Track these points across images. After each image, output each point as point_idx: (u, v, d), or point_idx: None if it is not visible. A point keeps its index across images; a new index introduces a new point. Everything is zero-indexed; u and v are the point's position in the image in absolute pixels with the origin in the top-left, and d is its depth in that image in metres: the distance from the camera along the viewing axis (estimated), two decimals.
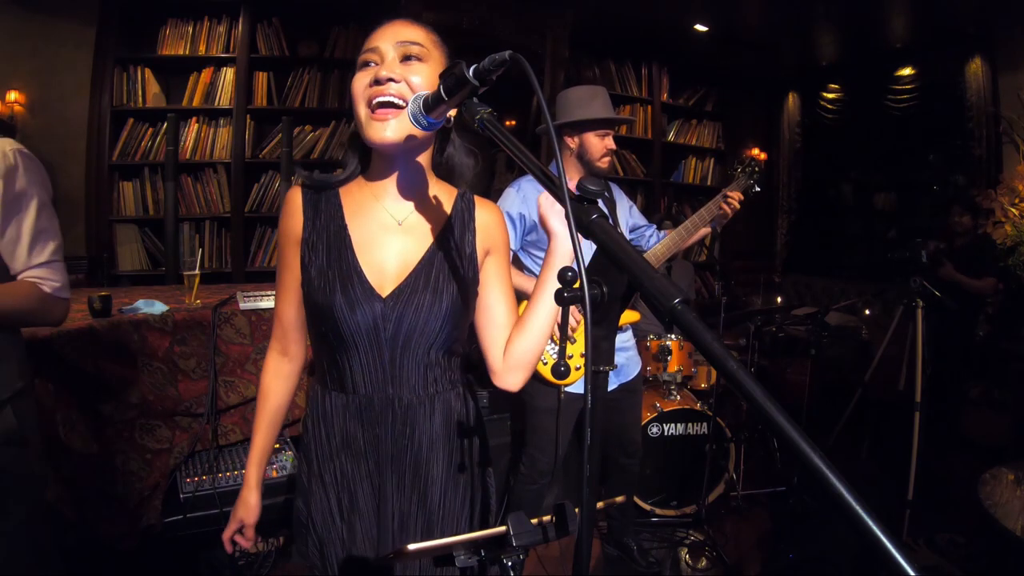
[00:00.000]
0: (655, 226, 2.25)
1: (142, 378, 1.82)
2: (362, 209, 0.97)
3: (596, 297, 0.55)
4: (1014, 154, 4.12)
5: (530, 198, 1.96)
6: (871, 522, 0.37)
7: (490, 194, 3.35)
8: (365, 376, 0.94)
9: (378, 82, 0.87)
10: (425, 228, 0.97)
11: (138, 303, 1.93)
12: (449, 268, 0.96)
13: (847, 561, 2.21)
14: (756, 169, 2.17)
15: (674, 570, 2.35)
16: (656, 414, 2.60)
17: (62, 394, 1.64)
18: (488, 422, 2.06)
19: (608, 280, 0.57)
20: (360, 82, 0.89)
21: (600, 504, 0.90)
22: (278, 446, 2.06)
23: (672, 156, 5.43)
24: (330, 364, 0.96)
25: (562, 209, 0.92)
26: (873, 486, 2.87)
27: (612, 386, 2.10)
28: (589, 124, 1.99)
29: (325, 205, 0.97)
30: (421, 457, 0.97)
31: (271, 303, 1.93)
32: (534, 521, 0.76)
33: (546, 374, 1.95)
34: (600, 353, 1.91)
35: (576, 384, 2.00)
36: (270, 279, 1.19)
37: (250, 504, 1.05)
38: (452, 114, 0.86)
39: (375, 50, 0.90)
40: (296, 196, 0.98)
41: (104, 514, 1.71)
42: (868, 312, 4.39)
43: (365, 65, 0.90)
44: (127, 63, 3.73)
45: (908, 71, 4.84)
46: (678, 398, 2.70)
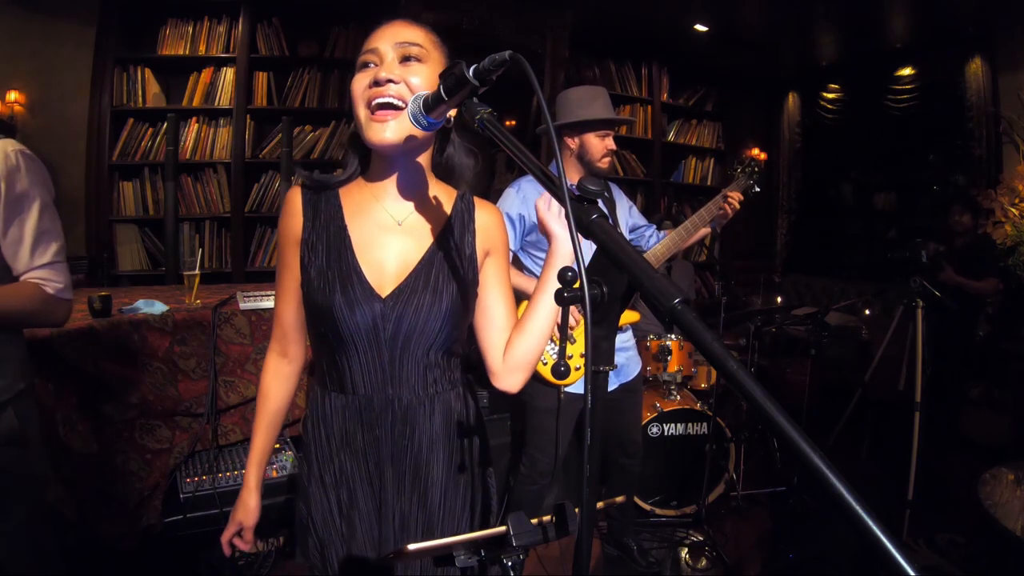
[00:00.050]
0: (655, 226, 2.25)
1: (142, 378, 1.82)
2: (362, 209, 0.97)
3: (596, 297, 0.55)
4: (1014, 154, 4.12)
5: (530, 199, 1.96)
6: (871, 522, 0.37)
7: (490, 194, 3.35)
8: (365, 377, 0.94)
9: (377, 83, 0.87)
10: (425, 229, 0.97)
11: (138, 303, 1.93)
12: (449, 268, 0.95)
13: (847, 561, 2.20)
14: (756, 169, 2.16)
15: (674, 570, 2.35)
16: (656, 414, 2.60)
17: (62, 394, 1.65)
18: (488, 422, 2.05)
19: (608, 280, 0.57)
20: (359, 83, 0.89)
21: (600, 504, 0.90)
22: (278, 446, 2.06)
23: (672, 156, 5.43)
24: (330, 365, 0.96)
25: (560, 211, 0.93)
26: (873, 486, 2.87)
27: (612, 386, 2.10)
28: (589, 125, 1.99)
29: (325, 205, 0.97)
30: (421, 458, 0.97)
31: (271, 303, 1.93)
32: (534, 521, 0.76)
33: (546, 374, 1.95)
34: (600, 353, 1.91)
35: (576, 384, 2.00)
36: (270, 279, 1.19)
37: (249, 506, 1.05)
38: (452, 114, 0.86)
39: (374, 51, 0.90)
40: (296, 197, 0.98)
41: (104, 514, 1.71)
42: (868, 312, 4.38)
43: (364, 66, 0.90)
44: (127, 63, 3.73)
45: (908, 71, 4.85)
46: (678, 398, 2.70)
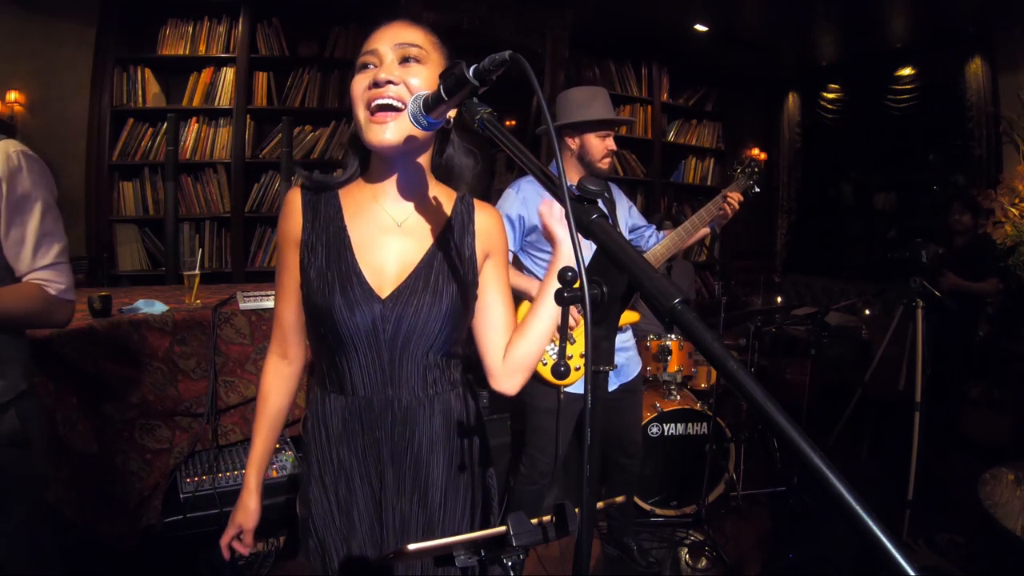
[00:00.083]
0: (654, 227, 2.25)
1: (142, 378, 1.82)
2: (361, 210, 0.97)
3: (596, 297, 0.55)
4: (1014, 154, 4.12)
5: (529, 199, 1.96)
6: (871, 522, 0.37)
7: (490, 194, 3.36)
8: (364, 378, 0.94)
9: (377, 84, 0.87)
10: (425, 230, 0.97)
11: (138, 303, 1.93)
12: (449, 270, 0.95)
13: (847, 561, 2.20)
14: (756, 170, 2.16)
15: (674, 570, 2.35)
16: (656, 414, 2.60)
17: (62, 394, 1.65)
18: (488, 422, 2.06)
19: (608, 280, 0.57)
20: (359, 84, 0.89)
21: (600, 504, 0.90)
22: (278, 446, 2.06)
23: (672, 156, 5.43)
24: (329, 366, 0.96)
25: (562, 214, 0.92)
26: (873, 486, 2.87)
27: (612, 386, 2.10)
28: (590, 125, 1.98)
29: (324, 206, 0.97)
30: (421, 458, 0.97)
31: (271, 303, 1.93)
32: (534, 521, 0.76)
33: (546, 374, 1.95)
34: (600, 353, 1.91)
35: (576, 384, 2.00)
36: (270, 279, 1.19)
37: (249, 509, 1.04)
38: (452, 115, 0.86)
39: (374, 52, 0.90)
40: (295, 198, 0.98)
41: (104, 514, 1.71)
42: (868, 312, 4.38)
43: (364, 67, 0.90)
44: (127, 63, 3.73)
45: (908, 71, 4.84)
46: (678, 398, 2.70)
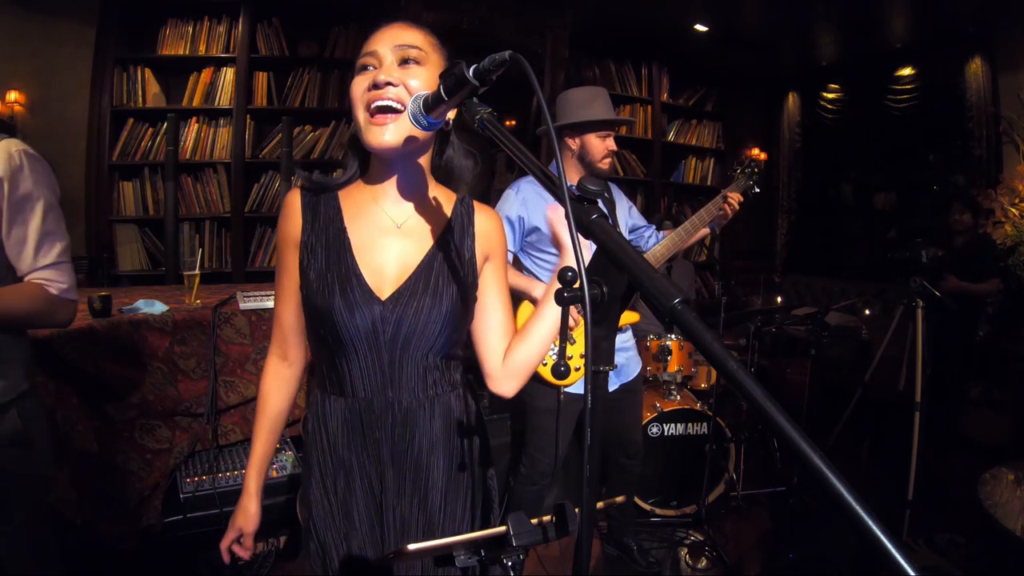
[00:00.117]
0: (654, 227, 2.25)
1: (142, 378, 1.82)
2: (361, 212, 0.97)
3: (596, 297, 0.55)
4: (1014, 154, 4.12)
5: (529, 200, 1.96)
6: (871, 522, 0.37)
7: (490, 194, 3.35)
8: (364, 379, 0.94)
9: (376, 86, 0.87)
10: (424, 231, 0.97)
11: (138, 303, 1.93)
12: (449, 271, 0.95)
13: (847, 561, 2.20)
14: (755, 170, 2.16)
15: (674, 570, 2.35)
16: (656, 414, 2.60)
17: (62, 394, 1.65)
18: (488, 422, 2.06)
19: (608, 280, 0.57)
20: (359, 86, 0.89)
21: (600, 504, 0.90)
22: (278, 446, 2.05)
23: (672, 156, 5.43)
24: (329, 368, 0.96)
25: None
26: (873, 486, 2.87)
27: (612, 386, 2.10)
28: (590, 125, 1.98)
29: (324, 208, 0.97)
30: (422, 460, 0.97)
31: (271, 303, 1.93)
32: (534, 521, 0.76)
33: (546, 374, 1.95)
34: (600, 353, 1.91)
35: (576, 384, 2.00)
36: (270, 279, 1.19)
37: (249, 512, 1.04)
38: (451, 117, 0.86)
39: (373, 54, 0.90)
40: (295, 199, 0.98)
41: (104, 514, 1.71)
42: (868, 312, 4.38)
43: (363, 69, 0.90)
44: (127, 63, 3.73)
45: (908, 71, 4.84)
46: (678, 398, 2.70)
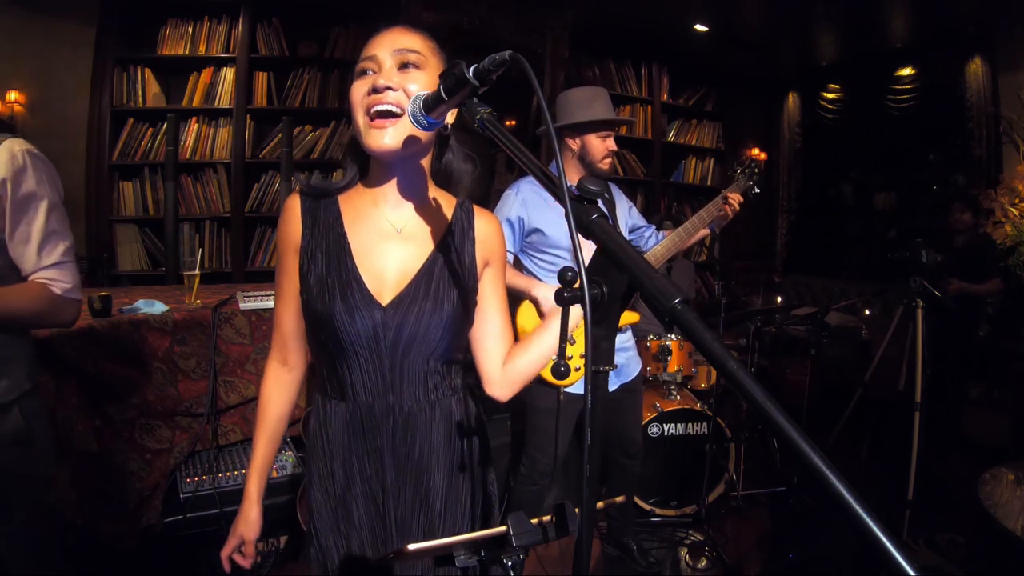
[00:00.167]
0: (654, 227, 2.25)
1: (142, 378, 1.82)
2: (361, 216, 0.97)
3: (596, 297, 0.55)
4: (1014, 154, 4.12)
5: (529, 201, 1.96)
6: (871, 522, 0.37)
7: (490, 195, 3.36)
8: (365, 384, 0.94)
9: (376, 91, 0.87)
10: (425, 236, 0.97)
11: (138, 303, 1.93)
12: (449, 276, 0.95)
13: (847, 561, 2.20)
14: (755, 170, 2.16)
15: (674, 570, 2.35)
16: (656, 414, 2.60)
17: (62, 394, 1.65)
18: (488, 422, 2.06)
19: (608, 280, 0.57)
20: (358, 91, 0.89)
21: (600, 504, 0.90)
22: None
23: (672, 156, 5.43)
24: (330, 372, 0.96)
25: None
26: (873, 486, 2.87)
27: (612, 386, 2.09)
28: (590, 125, 1.98)
29: (324, 213, 0.97)
30: (423, 464, 0.97)
31: (271, 303, 1.93)
32: (534, 521, 0.76)
33: (546, 374, 1.94)
34: (600, 353, 1.90)
35: (576, 384, 2.00)
36: (270, 279, 1.19)
37: (251, 519, 1.02)
38: (450, 120, 0.86)
39: (372, 58, 0.89)
40: (294, 204, 0.97)
41: (104, 514, 1.71)
42: (868, 312, 4.38)
43: (363, 73, 0.90)
44: (127, 63, 3.73)
45: (908, 71, 4.85)
46: (678, 398, 2.70)
